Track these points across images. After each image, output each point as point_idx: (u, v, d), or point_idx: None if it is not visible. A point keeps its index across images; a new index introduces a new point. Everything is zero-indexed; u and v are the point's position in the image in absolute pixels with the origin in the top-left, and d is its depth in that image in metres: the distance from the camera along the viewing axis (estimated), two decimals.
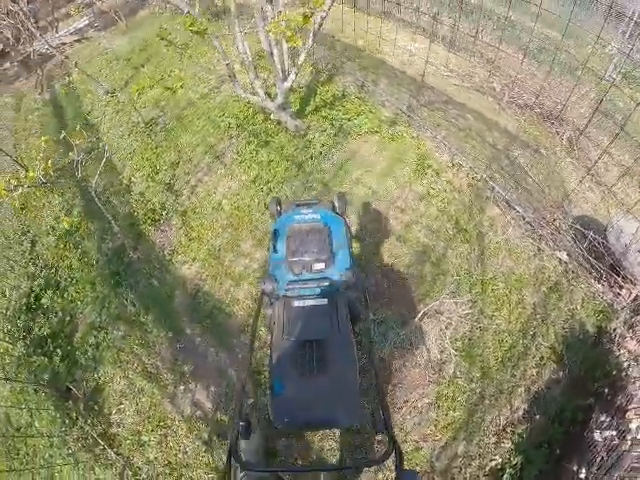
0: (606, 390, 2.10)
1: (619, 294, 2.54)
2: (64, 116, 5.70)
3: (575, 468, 1.92)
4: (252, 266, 2.96)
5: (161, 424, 2.41)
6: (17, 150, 5.58)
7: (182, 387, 2.55)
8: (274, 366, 1.65)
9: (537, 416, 2.20)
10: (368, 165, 3.48)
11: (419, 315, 2.58)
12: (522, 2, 5.05)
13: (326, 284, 1.91)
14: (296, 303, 1.82)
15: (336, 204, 2.53)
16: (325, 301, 1.83)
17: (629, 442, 1.78)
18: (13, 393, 2.68)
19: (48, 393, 2.64)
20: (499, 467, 2.06)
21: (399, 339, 2.51)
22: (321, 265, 1.99)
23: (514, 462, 2.02)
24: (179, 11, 6.66)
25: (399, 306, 2.68)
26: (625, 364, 2.15)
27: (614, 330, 2.38)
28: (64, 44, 7.44)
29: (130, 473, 2.27)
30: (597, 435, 1.93)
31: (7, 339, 2.94)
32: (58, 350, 2.80)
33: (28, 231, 4.03)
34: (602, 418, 1.99)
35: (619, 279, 2.55)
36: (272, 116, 3.60)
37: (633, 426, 1.82)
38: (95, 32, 7.32)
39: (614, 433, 1.88)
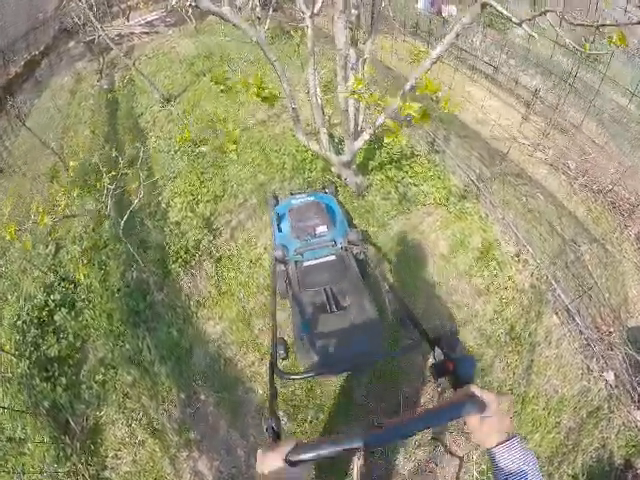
0: None
1: None
2: (116, 112, 5.60)
3: None
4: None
5: None
6: (64, 137, 5.51)
7: (185, 453, 2.34)
8: (297, 314, 1.81)
9: None
10: (428, 245, 3.12)
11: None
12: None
13: (330, 244, 2.14)
14: (306, 263, 2.03)
15: (327, 190, 3.02)
16: (333, 257, 2.04)
17: None
18: (10, 413, 2.52)
19: (46, 422, 2.48)
20: None
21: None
22: (323, 228, 2.23)
23: None
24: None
25: None
26: None
27: None
28: (133, 33, 7.45)
29: None
30: None
31: (14, 351, 2.79)
32: (62, 378, 2.63)
33: (56, 232, 3.87)
34: None
35: None
36: (332, 169, 3.28)
37: None
38: (164, 28, 7.30)
39: None
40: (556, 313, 2.86)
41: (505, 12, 1.32)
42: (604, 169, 4.30)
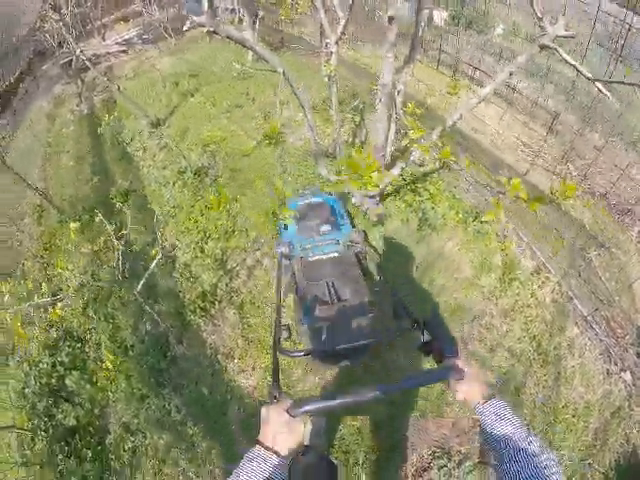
0: None
1: None
2: (100, 139, 5.27)
3: None
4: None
5: None
6: (45, 169, 5.17)
7: None
8: (300, 303, 2.00)
9: None
10: (453, 270, 3.05)
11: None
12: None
13: (334, 243, 2.27)
14: (311, 259, 2.17)
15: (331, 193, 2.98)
16: (335, 254, 2.19)
17: None
18: None
19: None
20: None
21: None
22: (327, 227, 2.38)
23: None
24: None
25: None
26: None
27: None
28: (109, 53, 7.08)
29: None
30: None
31: (27, 425, 2.52)
32: (87, 450, 2.40)
33: (51, 279, 3.60)
34: None
35: None
36: (353, 199, 3.14)
37: None
38: (143, 45, 6.97)
39: None
40: (576, 324, 2.96)
41: (576, 64, 1.20)
42: (605, 171, 4.37)
